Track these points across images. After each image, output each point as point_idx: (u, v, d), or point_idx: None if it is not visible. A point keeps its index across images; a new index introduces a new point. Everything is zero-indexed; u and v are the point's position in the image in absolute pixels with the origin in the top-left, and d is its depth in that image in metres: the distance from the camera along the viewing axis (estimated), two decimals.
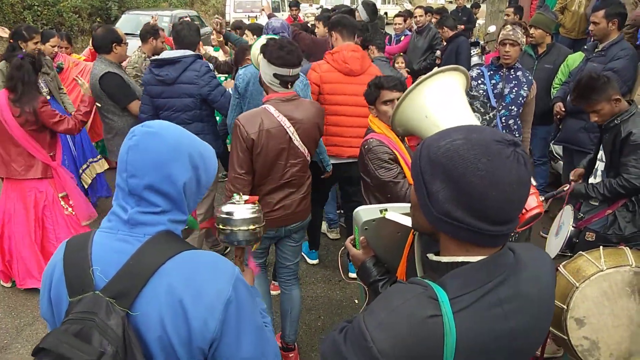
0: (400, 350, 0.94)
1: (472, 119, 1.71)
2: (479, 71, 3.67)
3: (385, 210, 1.51)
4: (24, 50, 3.83)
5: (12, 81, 3.34)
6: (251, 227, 1.54)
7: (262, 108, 2.53)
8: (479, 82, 3.60)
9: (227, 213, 1.53)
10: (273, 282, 3.56)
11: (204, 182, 1.22)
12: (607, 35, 3.96)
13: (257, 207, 1.60)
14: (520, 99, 3.52)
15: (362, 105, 2.86)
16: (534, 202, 1.46)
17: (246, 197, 1.60)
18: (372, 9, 5.98)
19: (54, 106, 3.72)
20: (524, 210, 1.47)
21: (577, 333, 2.25)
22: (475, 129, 1.02)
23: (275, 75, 2.52)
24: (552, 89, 4.54)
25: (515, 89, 3.52)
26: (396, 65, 5.61)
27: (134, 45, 5.06)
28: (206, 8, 20.49)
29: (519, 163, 0.95)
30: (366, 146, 2.47)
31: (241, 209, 1.57)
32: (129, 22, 11.70)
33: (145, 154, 1.12)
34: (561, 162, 4.83)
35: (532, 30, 4.52)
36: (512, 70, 3.55)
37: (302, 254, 3.98)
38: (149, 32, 4.73)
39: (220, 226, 1.54)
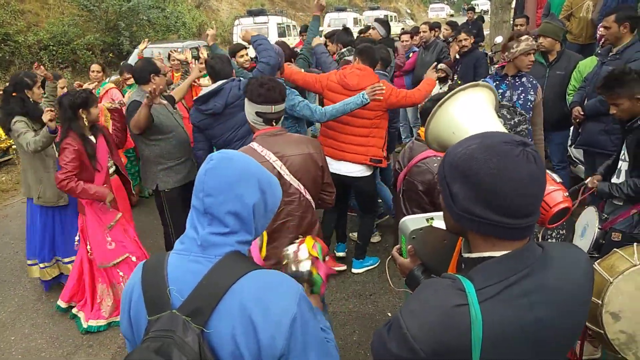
0: (431, 337, 1.04)
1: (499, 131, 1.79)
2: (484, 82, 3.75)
3: (432, 219, 1.60)
4: (30, 99, 3.93)
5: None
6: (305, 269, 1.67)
7: (248, 147, 2.48)
8: None
9: (294, 251, 1.66)
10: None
11: (271, 206, 1.32)
12: (620, 39, 4.05)
13: (317, 243, 1.74)
14: (529, 103, 3.61)
15: (357, 117, 3.73)
16: (559, 197, 1.53)
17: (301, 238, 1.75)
18: (386, 25, 6.70)
19: None
20: (548, 207, 1.55)
21: (613, 327, 2.29)
22: (488, 135, 1.14)
23: (257, 113, 2.50)
24: (566, 96, 4.61)
25: (523, 94, 3.61)
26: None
27: None
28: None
29: (528, 160, 1.05)
30: (434, 164, 2.49)
31: (304, 247, 1.70)
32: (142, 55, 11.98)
33: (220, 176, 1.22)
34: (580, 166, 4.88)
35: (541, 40, 4.61)
36: (516, 78, 3.64)
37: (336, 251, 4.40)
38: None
39: (286, 263, 1.67)
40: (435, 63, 6.16)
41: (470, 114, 1.73)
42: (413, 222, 1.61)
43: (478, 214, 1.08)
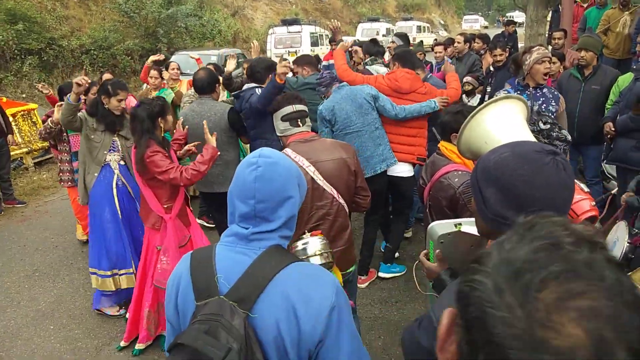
0: None
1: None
2: (505, 92, 3.76)
3: (460, 224, 1.65)
4: (105, 106, 3.79)
5: (132, 130, 3.35)
6: (323, 253, 1.77)
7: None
8: None
9: (303, 244, 1.76)
10: (360, 277, 4.10)
11: (302, 199, 1.41)
12: None
13: (324, 240, 1.83)
14: (550, 114, 3.57)
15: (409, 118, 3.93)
16: (587, 206, 1.57)
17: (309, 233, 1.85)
18: (405, 39, 7.03)
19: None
20: (575, 215, 1.59)
21: None
22: (520, 144, 1.21)
23: (282, 118, 2.63)
24: (605, 110, 4.57)
25: (544, 105, 3.59)
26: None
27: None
28: (248, 46, 21.29)
29: (557, 168, 1.12)
30: (455, 179, 2.42)
31: (314, 241, 1.80)
32: (178, 62, 12.32)
33: (271, 182, 1.31)
34: (614, 182, 4.82)
35: (582, 53, 4.60)
36: (537, 89, 3.63)
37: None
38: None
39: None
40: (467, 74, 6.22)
41: (503, 124, 1.79)
42: (441, 227, 1.66)
43: (509, 217, 1.14)
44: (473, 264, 0.63)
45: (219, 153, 3.39)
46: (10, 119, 7.82)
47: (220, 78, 4.60)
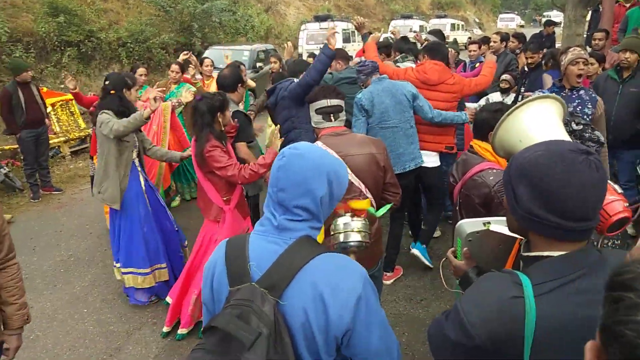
0: (487, 324, 1.13)
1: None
2: (540, 93, 3.71)
3: (489, 223, 1.65)
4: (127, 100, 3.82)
5: (193, 124, 3.39)
6: (362, 232, 1.79)
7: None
8: None
9: (344, 223, 1.77)
10: (386, 273, 4.22)
11: (336, 196, 1.44)
12: None
13: (365, 220, 1.83)
14: (585, 117, 3.50)
15: (437, 108, 4.03)
16: (619, 207, 1.57)
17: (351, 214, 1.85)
18: (440, 35, 6.87)
19: None
20: (608, 215, 1.58)
21: None
22: (554, 142, 1.22)
23: (316, 111, 2.66)
24: None
25: (579, 107, 3.52)
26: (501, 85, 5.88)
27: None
28: (280, 41, 21.43)
29: (590, 168, 1.12)
30: (490, 177, 2.41)
31: (356, 221, 1.81)
32: (212, 57, 12.51)
33: (292, 173, 1.35)
34: None
35: (627, 54, 4.49)
36: (574, 90, 3.56)
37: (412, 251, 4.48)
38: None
39: (333, 233, 1.78)
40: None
41: (538, 123, 1.78)
42: (470, 225, 1.67)
43: (540, 215, 1.16)
44: (619, 292, 0.63)
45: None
46: (50, 108, 8.11)
47: (248, 80, 4.70)
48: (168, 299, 3.81)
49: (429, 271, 4.41)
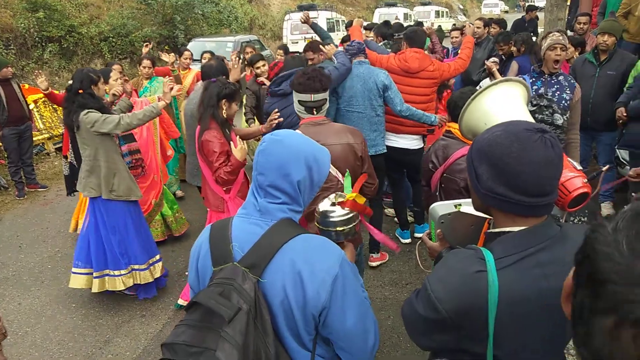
0: (453, 298, 1.20)
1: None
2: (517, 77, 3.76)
3: (459, 205, 1.71)
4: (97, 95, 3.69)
5: (200, 102, 3.38)
6: (346, 220, 1.80)
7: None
8: None
9: (330, 211, 1.79)
10: (372, 254, 4.37)
11: (317, 181, 1.48)
12: None
13: (350, 213, 1.86)
14: (563, 102, 3.55)
15: (417, 94, 4.21)
16: (579, 183, 1.63)
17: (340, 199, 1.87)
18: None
19: None
20: (568, 192, 1.64)
21: None
22: (512, 123, 1.27)
23: (299, 102, 2.69)
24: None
25: (558, 92, 3.58)
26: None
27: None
28: (264, 32, 21.31)
29: (546, 146, 1.17)
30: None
31: (337, 215, 1.83)
32: (194, 49, 12.40)
33: (270, 157, 1.41)
34: (628, 167, 4.79)
35: (605, 37, 4.56)
36: (553, 76, 3.62)
37: (396, 234, 4.75)
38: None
39: (317, 223, 1.80)
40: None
41: (501, 106, 1.83)
42: (442, 207, 1.72)
43: (500, 192, 1.21)
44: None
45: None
46: (32, 105, 8.03)
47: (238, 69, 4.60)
48: (181, 302, 3.87)
49: (414, 256, 4.48)
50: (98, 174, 3.69)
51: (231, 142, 3.34)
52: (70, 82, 3.72)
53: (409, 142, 4.34)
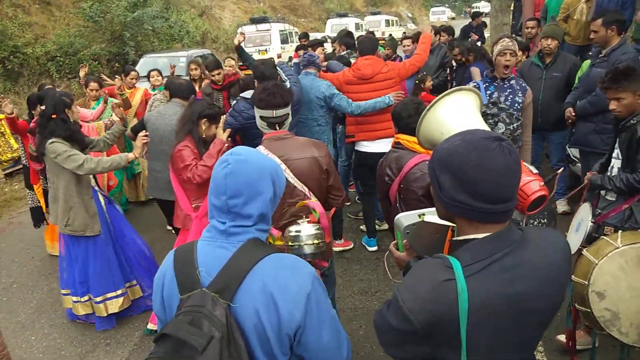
0: (423, 308, 1.21)
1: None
2: (474, 84, 3.88)
3: (423, 214, 1.74)
4: (71, 119, 3.59)
5: (181, 117, 3.43)
6: (315, 241, 1.82)
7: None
8: None
9: (296, 231, 1.80)
10: (336, 241, 4.56)
11: (278, 194, 1.47)
12: (608, 42, 4.18)
13: (318, 226, 1.88)
14: (516, 104, 3.67)
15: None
16: (536, 186, 1.70)
17: (307, 219, 1.89)
18: (349, 36, 7.21)
19: None
20: (526, 195, 1.71)
21: (598, 305, 2.46)
22: (469, 132, 1.30)
23: (261, 117, 2.66)
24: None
25: (510, 96, 3.69)
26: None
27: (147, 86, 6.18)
28: (217, 45, 21.17)
29: (504, 153, 1.21)
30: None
31: (307, 228, 1.84)
32: (146, 66, 12.20)
33: (239, 178, 1.37)
34: (579, 165, 5.01)
35: (549, 41, 4.76)
36: (505, 80, 3.74)
37: (363, 242, 4.83)
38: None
39: (289, 243, 1.80)
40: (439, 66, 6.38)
41: (456, 115, 1.89)
42: (406, 218, 1.76)
43: (462, 200, 1.24)
44: None
45: (226, 145, 3.40)
46: None
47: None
48: (150, 326, 3.75)
49: (382, 264, 4.52)
50: (57, 204, 3.61)
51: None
52: (43, 106, 3.66)
53: (385, 146, 4.31)
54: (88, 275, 3.77)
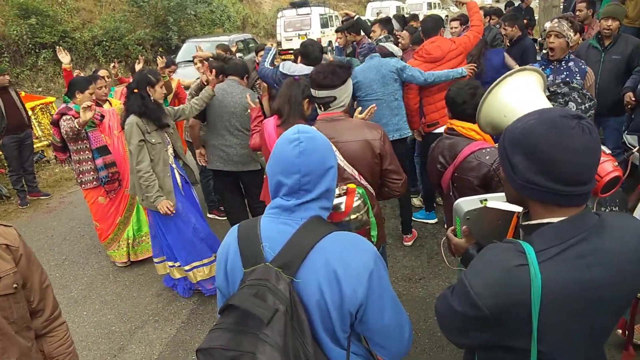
0: (493, 294, 1.15)
1: None
2: (531, 66, 3.74)
3: (486, 200, 1.67)
4: (152, 98, 3.61)
5: (279, 101, 3.19)
6: (357, 215, 1.80)
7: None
8: None
9: (339, 202, 1.78)
10: (405, 235, 4.64)
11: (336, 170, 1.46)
12: None
13: (358, 195, 1.85)
14: None
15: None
16: (610, 167, 1.60)
17: (345, 189, 1.86)
18: (403, 20, 7.60)
19: None
20: (599, 177, 1.61)
21: None
22: (545, 110, 1.23)
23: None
24: None
25: (567, 79, 3.53)
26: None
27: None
28: (257, 30, 21.23)
29: (583, 132, 1.13)
30: (486, 157, 2.38)
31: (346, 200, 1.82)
32: (189, 51, 12.36)
33: (313, 155, 1.36)
34: (636, 153, 4.77)
35: (609, 22, 4.52)
36: (562, 62, 3.59)
37: (418, 219, 4.99)
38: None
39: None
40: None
41: (519, 96, 1.81)
42: (467, 203, 1.69)
43: (538, 182, 1.17)
44: None
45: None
46: (30, 113, 7.96)
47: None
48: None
49: (426, 251, 4.46)
50: (135, 177, 3.68)
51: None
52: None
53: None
54: (170, 245, 3.92)
